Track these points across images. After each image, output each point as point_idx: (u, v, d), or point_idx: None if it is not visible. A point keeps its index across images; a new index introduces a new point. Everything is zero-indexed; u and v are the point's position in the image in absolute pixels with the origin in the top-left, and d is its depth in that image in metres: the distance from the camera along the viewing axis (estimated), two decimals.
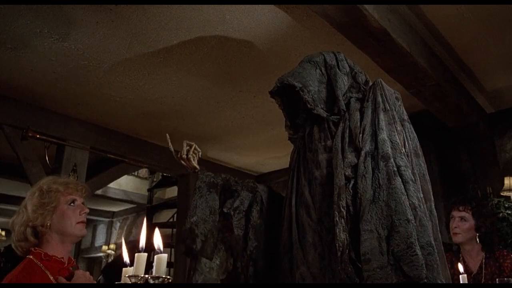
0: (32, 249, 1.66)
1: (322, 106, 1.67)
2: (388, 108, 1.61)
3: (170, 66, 3.24)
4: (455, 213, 2.38)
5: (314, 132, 1.67)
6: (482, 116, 3.93)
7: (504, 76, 3.56)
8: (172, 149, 1.78)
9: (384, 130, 1.52)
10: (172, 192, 6.79)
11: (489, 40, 3.06)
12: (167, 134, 1.84)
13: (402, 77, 3.00)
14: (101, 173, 4.99)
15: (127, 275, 1.18)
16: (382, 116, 1.57)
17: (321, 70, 1.76)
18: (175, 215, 5.46)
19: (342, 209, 1.40)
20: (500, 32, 2.95)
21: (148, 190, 6.77)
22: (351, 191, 1.44)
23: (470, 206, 2.38)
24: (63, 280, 1.61)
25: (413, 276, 1.25)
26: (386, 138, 1.50)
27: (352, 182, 1.46)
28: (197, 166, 1.81)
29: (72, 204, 1.72)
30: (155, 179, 6.94)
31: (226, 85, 3.54)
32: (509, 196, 3.62)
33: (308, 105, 1.65)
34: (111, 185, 6.64)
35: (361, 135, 1.53)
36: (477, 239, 2.34)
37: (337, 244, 1.35)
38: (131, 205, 8.13)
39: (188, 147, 1.84)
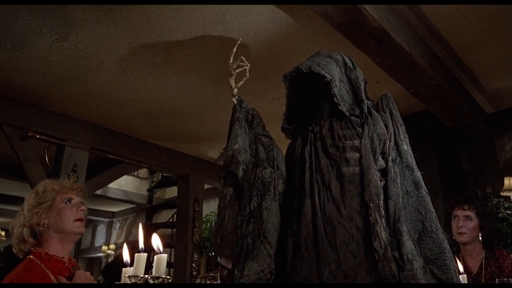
0: (33, 249, 1.66)
1: (343, 104, 1.68)
2: (402, 122, 1.76)
3: (170, 66, 3.24)
4: (460, 212, 2.37)
5: (336, 129, 1.66)
6: (482, 116, 3.93)
7: (504, 76, 3.57)
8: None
9: (404, 142, 1.68)
10: (172, 192, 6.79)
11: (489, 40, 3.06)
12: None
13: (401, 77, 3.00)
14: (101, 173, 5.00)
15: (127, 275, 1.18)
16: (400, 128, 1.72)
17: (340, 69, 1.75)
18: (175, 215, 5.45)
19: (381, 209, 1.46)
20: (500, 32, 2.95)
21: (148, 190, 6.77)
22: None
23: (474, 205, 2.38)
24: (64, 280, 1.61)
25: (445, 278, 1.39)
26: (407, 149, 1.67)
27: (382, 184, 1.54)
28: (236, 90, 1.98)
29: (68, 202, 1.73)
30: (155, 179, 6.94)
31: (225, 85, 3.51)
32: (509, 196, 3.62)
33: (335, 99, 1.63)
34: (111, 185, 6.64)
35: (389, 142, 1.63)
36: (480, 239, 2.34)
37: (378, 243, 1.40)
38: (131, 205, 8.13)
39: (242, 64, 2.00)
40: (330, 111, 1.70)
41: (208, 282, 2.57)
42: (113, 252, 8.25)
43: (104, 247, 8.46)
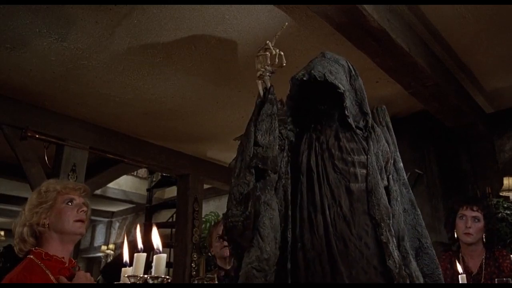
0: (33, 248, 1.66)
1: (351, 116, 1.67)
2: (394, 136, 1.80)
3: (169, 66, 3.24)
4: (468, 213, 2.36)
5: (342, 141, 1.64)
6: (482, 116, 3.93)
7: (503, 76, 3.57)
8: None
9: (399, 158, 1.73)
10: (171, 192, 6.78)
11: (488, 41, 3.06)
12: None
13: (401, 77, 3.00)
14: (100, 173, 4.99)
15: (126, 275, 1.18)
16: (395, 143, 1.77)
17: (346, 77, 1.73)
18: (174, 215, 5.45)
19: (392, 228, 1.51)
20: (499, 32, 2.95)
21: (147, 190, 6.76)
22: None
23: (483, 206, 2.38)
24: (64, 279, 1.61)
25: None
26: (402, 167, 1.72)
27: None
28: (262, 89, 1.84)
29: (69, 203, 1.72)
30: (154, 179, 6.93)
31: (225, 85, 3.54)
32: (508, 196, 3.62)
33: (346, 112, 1.62)
34: (110, 185, 6.64)
35: (391, 160, 1.68)
36: (484, 239, 2.34)
37: (392, 262, 1.45)
38: (131, 205, 8.13)
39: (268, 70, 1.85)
40: (337, 120, 1.70)
41: (205, 283, 2.58)
42: (112, 252, 8.25)
43: (104, 247, 8.45)
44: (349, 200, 1.55)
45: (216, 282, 2.63)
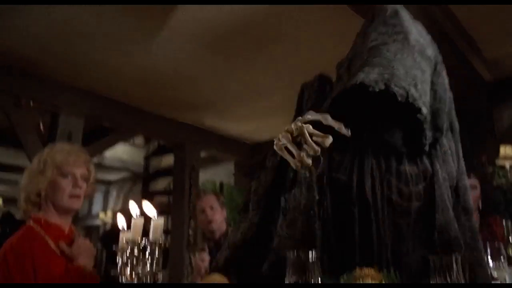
0: (32, 215, 1.66)
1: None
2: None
3: (166, 31, 3.17)
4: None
5: (404, 164, 1.25)
6: (481, 84, 3.90)
7: (504, 45, 3.52)
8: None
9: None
10: (168, 160, 6.78)
11: (490, 8, 2.99)
12: None
13: None
14: (97, 141, 4.97)
15: (124, 240, 1.19)
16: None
17: (429, 76, 1.28)
18: (171, 183, 5.48)
19: None
20: None
21: (145, 158, 6.78)
22: None
23: (478, 175, 2.38)
24: (64, 246, 1.61)
25: None
26: (466, 184, 1.41)
27: None
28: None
29: (67, 176, 1.69)
30: (151, 148, 6.94)
31: (223, 53, 3.48)
32: (504, 165, 3.64)
33: (423, 140, 1.20)
34: (107, 153, 6.63)
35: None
36: (480, 206, 2.36)
37: None
38: (128, 174, 8.16)
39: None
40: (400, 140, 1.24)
41: (196, 254, 2.61)
42: (110, 220, 8.33)
43: (102, 215, 8.54)
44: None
45: (207, 253, 2.65)
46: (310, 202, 1.19)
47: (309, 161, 0.93)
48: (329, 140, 0.93)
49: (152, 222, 1.14)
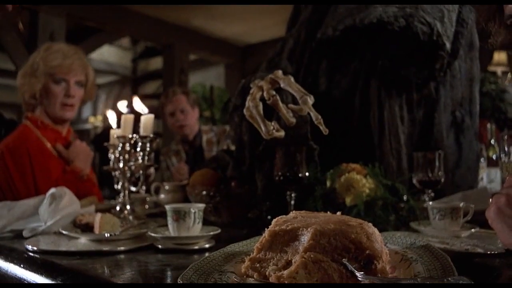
0: (29, 114, 1.64)
1: None
2: None
3: None
4: None
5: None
6: None
7: None
8: None
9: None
10: (156, 63, 6.65)
11: None
12: None
13: None
14: (81, 42, 4.79)
15: (115, 136, 1.19)
16: None
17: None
18: (161, 86, 5.43)
19: None
20: None
21: (132, 61, 6.62)
22: None
23: None
24: (61, 147, 1.62)
25: None
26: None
27: None
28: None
29: (59, 82, 1.63)
30: (138, 50, 6.75)
31: None
32: (496, 71, 3.63)
33: (438, 72, 1.18)
34: (94, 56, 6.44)
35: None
36: None
37: None
38: (116, 77, 8.02)
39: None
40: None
41: (173, 159, 2.59)
42: (100, 124, 8.36)
43: (92, 119, 8.54)
44: None
45: (183, 154, 2.64)
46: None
47: (281, 133, 0.92)
48: (305, 111, 0.90)
49: (142, 118, 1.14)
